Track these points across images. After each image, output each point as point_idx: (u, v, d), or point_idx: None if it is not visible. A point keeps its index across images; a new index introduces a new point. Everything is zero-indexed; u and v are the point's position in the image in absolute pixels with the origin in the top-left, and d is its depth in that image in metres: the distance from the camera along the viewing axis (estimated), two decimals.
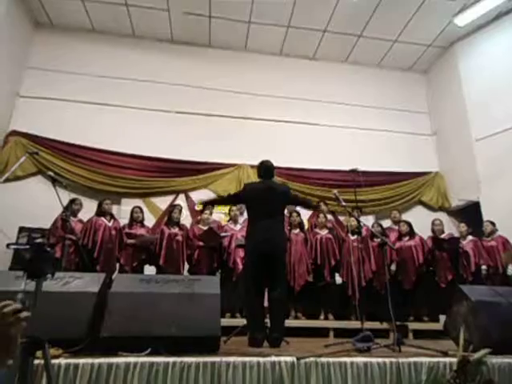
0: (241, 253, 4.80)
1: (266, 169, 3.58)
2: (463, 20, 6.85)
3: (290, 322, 4.28)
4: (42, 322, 1.23)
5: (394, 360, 2.09)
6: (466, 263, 5.30)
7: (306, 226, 5.88)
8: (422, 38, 7.47)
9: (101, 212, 5.07)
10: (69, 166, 6.22)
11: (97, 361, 1.85)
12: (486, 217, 6.12)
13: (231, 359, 1.97)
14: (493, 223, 5.55)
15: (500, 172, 6.26)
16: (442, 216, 6.90)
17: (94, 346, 2.20)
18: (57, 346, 2.03)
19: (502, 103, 6.51)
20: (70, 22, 7.02)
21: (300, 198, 3.68)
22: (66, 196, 4.22)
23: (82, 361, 1.84)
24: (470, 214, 6.71)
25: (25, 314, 1.00)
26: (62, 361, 1.85)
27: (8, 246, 4.34)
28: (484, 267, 5.22)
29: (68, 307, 2.28)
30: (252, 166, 6.56)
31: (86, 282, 2.56)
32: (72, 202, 4.98)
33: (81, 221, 5.09)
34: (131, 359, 1.91)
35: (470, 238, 5.56)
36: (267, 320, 3.25)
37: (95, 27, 7.16)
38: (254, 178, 6.34)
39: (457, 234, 5.83)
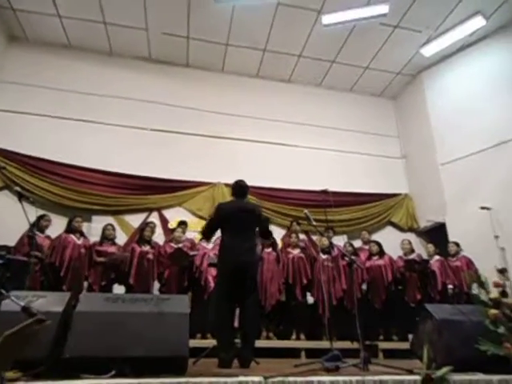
0: (213, 271, 4.76)
1: (240, 188, 3.62)
2: (429, 51, 7.28)
3: (261, 343, 4.25)
4: None
5: (359, 378, 2.11)
6: (433, 282, 5.46)
7: (279, 246, 5.91)
8: (391, 66, 7.85)
9: (70, 229, 4.95)
10: (37, 182, 6.06)
11: (57, 383, 1.79)
12: (451, 238, 6.35)
13: (198, 380, 1.94)
14: (457, 244, 5.77)
15: (464, 195, 6.55)
16: (411, 236, 7.10)
17: (55, 368, 2.12)
18: (15, 368, 1.94)
19: (465, 129, 6.88)
20: (46, 37, 6.98)
21: (265, 227, 3.65)
22: (33, 212, 4.10)
23: None
24: (437, 234, 6.95)
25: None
26: None
27: None
28: (450, 286, 5.40)
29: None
30: (227, 185, 6.59)
31: (50, 302, 2.48)
32: (40, 218, 4.84)
33: (49, 237, 4.95)
34: (94, 381, 1.85)
35: (436, 257, 5.75)
36: (238, 340, 3.22)
37: (72, 43, 7.14)
38: (228, 196, 6.36)
39: (425, 254, 6.01)
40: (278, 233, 6.06)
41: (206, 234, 3.77)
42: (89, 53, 7.23)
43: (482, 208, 5.11)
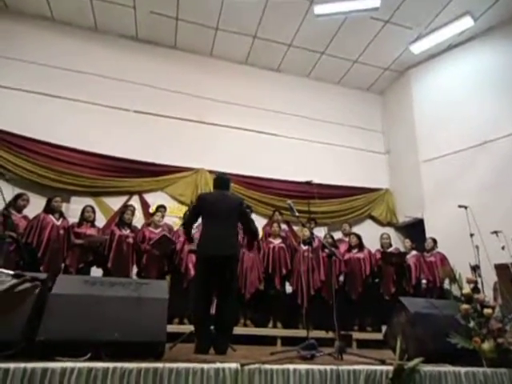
0: (194, 258, 4.74)
1: (222, 181, 3.59)
2: (418, 48, 7.34)
3: (238, 330, 4.28)
4: None
5: (334, 367, 2.15)
6: (409, 276, 5.60)
7: (261, 235, 5.93)
8: (380, 61, 7.88)
9: (49, 209, 4.81)
10: (14, 159, 5.85)
11: (30, 365, 1.75)
12: (428, 233, 6.51)
13: (174, 365, 1.93)
14: (434, 240, 5.92)
15: (442, 192, 6.71)
16: (390, 231, 7.22)
17: (29, 351, 2.08)
18: None
19: (447, 129, 7.01)
20: (28, 8, 6.68)
21: (248, 221, 3.58)
22: (9, 191, 3.98)
23: (12, 365, 1.72)
24: (415, 230, 7.11)
25: None
26: None
27: None
28: (424, 281, 5.56)
29: (1, 308, 2.14)
30: (210, 172, 6.53)
31: None
32: (18, 196, 4.69)
33: (26, 217, 4.80)
34: (68, 364, 1.82)
35: (413, 252, 5.89)
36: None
37: (55, 16, 6.86)
38: (211, 183, 6.24)
39: (402, 249, 6.14)
40: (259, 222, 6.06)
41: (188, 223, 3.67)
42: (73, 28, 6.97)
43: (460, 206, 5.23)
